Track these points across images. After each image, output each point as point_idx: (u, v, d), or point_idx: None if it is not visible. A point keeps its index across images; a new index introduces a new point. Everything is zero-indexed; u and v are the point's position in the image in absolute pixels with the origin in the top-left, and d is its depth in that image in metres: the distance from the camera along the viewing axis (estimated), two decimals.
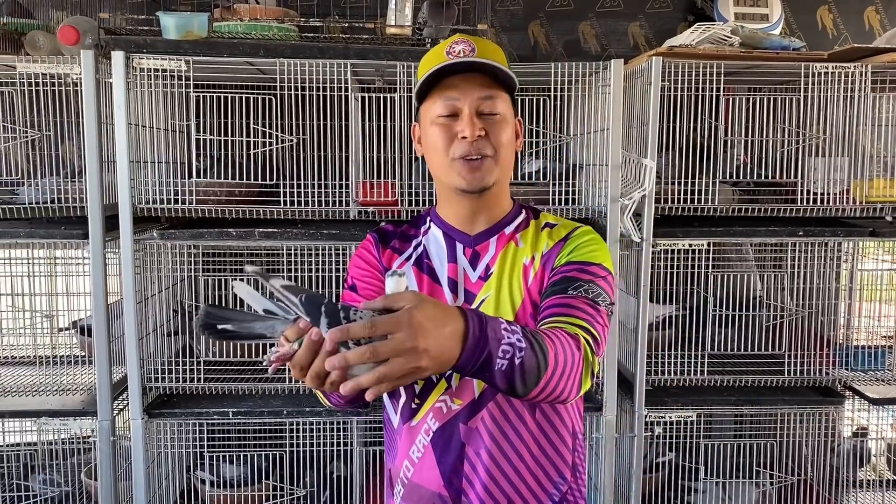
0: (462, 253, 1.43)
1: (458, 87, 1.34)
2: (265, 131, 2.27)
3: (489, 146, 1.34)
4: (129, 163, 2.17)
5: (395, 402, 1.43)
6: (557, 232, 1.43)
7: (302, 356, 0.97)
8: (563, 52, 3.08)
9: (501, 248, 1.42)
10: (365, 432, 2.52)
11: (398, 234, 1.51)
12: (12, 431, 2.61)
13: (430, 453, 1.38)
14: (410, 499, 1.41)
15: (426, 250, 1.46)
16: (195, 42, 2.19)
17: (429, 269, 1.43)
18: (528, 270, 1.39)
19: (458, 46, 1.33)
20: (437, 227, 1.47)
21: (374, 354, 0.91)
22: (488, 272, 1.40)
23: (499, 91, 1.36)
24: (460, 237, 1.44)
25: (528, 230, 1.45)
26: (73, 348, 2.62)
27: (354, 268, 1.49)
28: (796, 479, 2.58)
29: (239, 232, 2.26)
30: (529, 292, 1.37)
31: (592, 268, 1.34)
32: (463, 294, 1.40)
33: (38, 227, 2.27)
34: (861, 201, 2.38)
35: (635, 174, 2.31)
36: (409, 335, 0.93)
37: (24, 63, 2.18)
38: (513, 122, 1.40)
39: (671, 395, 2.45)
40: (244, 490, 2.50)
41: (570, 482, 1.40)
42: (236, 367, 2.43)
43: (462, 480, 1.36)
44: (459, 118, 1.34)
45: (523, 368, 1.05)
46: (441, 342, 0.97)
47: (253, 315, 1.01)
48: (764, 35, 2.37)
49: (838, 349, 2.55)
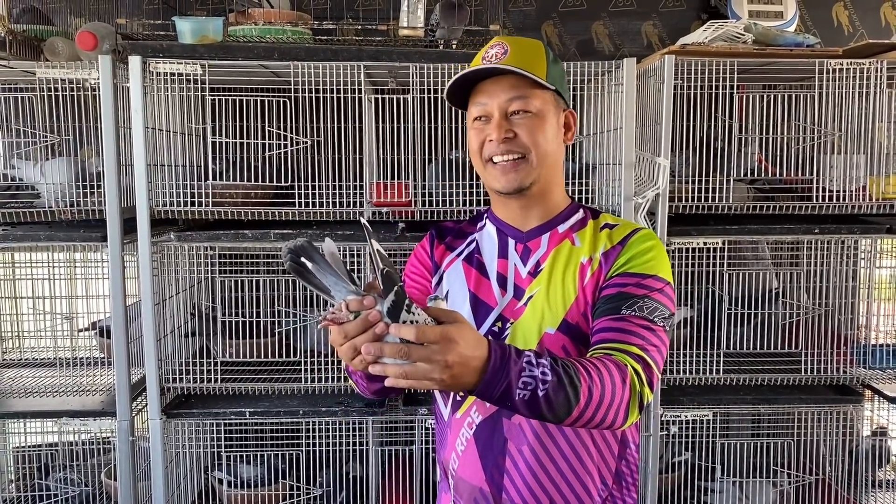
0: (513, 248, 1.44)
1: (488, 90, 1.37)
2: (280, 134, 2.29)
3: (519, 146, 1.35)
4: (146, 166, 2.19)
5: (444, 393, 1.44)
6: (618, 232, 1.41)
7: (352, 327, 1.03)
8: (576, 52, 3.08)
9: (554, 245, 1.41)
10: (381, 432, 2.53)
11: (455, 231, 1.54)
12: (34, 433, 2.65)
13: (473, 447, 1.39)
14: (458, 491, 1.42)
15: (478, 246, 1.48)
16: (210, 46, 2.22)
17: (478, 264, 1.45)
18: (586, 270, 1.37)
19: (493, 50, 1.37)
20: (492, 223, 1.49)
21: (407, 355, 0.99)
22: (538, 268, 1.40)
23: (532, 90, 1.36)
24: (512, 233, 1.45)
25: (585, 230, 1.43)
26: (93, 350, 2.66)
27: (409, 265, 1.54)
28: (814, 478, 2.56)
29: (255, 233, 2.28)
30: (584, 291, 1.35)
31: (648, 280, 1.32)
32: (512, 289, 1.40)
33: (57, 230, 2.30)
34: (878, 198, 2.36)
35: (649, 173, 2.30)
36: (442, 349, 1.00)
37: (44, 69, 2.21)
38: (554, 118, 1.40)
39: (687, 394, 2.44)
40: (261, 490, 2.52)
41: (613, 488, 1.38)
42: (253, 368, 2.45)
43: (503, 476, 1.36)
44: (490, 121, 1.37)
45: (549, 400, 1.08)
46: (465, 366, 1.03)
47: (333, 270, 1.06)
48: (777, 32, 2.36)
49: (856, 347, 2.53)
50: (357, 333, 1.02)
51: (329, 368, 2.34)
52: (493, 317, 1.40)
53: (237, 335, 2.44)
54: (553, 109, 1.39)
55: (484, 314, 1.40)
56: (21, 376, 2.58)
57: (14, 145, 2.34)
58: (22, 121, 2.34)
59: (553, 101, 1.40)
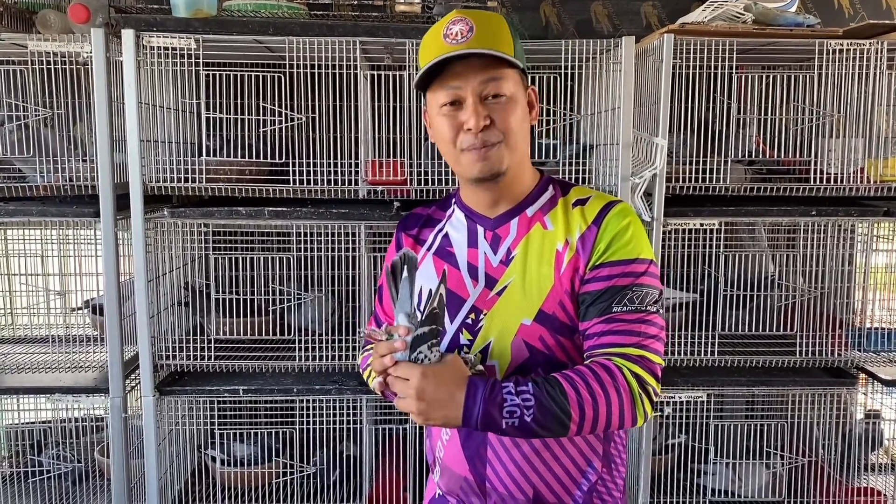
0: (483, 236, 1.40)
1: (460, 73, 1.28)
2: (275, 110, 2.27)
3: (496, 133, 1.29)
4: (139, 142, 2.17)
5: None
6: (590, 208, 1.35)
7: (381, 346, 1.25)
8: (574, 32, 3.06)
9: (525, 230, 1.37)
10: (375, 411, 2.53)
11: (424, 218, 1.50)
12: (27, 409, 2.64)
13: (456, 436, 1.38)
14: (444, 479, 1.43)
15: (447, 237, 1.44)
16: (205, 20, 2.19)
17: (448, 256, 1.42)
18: (563, 257, 1.32)
19: (455, 27, 1.27)
20: (460, 209, 1.45)
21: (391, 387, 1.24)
22: (510, 256, 1.36)
23: (503, 70, 1.30)
24: (480, 220, 1.41)
25: (556, 209, 1.38)
26: (86, 327, 2.65)
27: (383, 272, 1.53)
28: (807, 460, 2.57)
29: (249, 211, 2.27)
30: (561, 280, 1.32)
31: (633, 266, 1.29)
32: (483, 279, 1.37)
33: (50, 206, 2.28)
34: (876, 181, 2.35)
35: (647, 153, 2.29)
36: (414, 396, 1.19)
37: (36, 41, 2.18)
38: (524, 97, 1.35)
39: (682, 375, 2.44)
40: (254, 468, 2.52)
41: (602, 472, 1.38)
42: (247, 346, 2.44)
43: (486, 466, 1.36)
44: (463, 107, 1.29)
45: (539, 423, 1.17)
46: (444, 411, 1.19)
47: (410, 289, 1.25)
48: (777, 12, 2.34)
49: (851, 330, 2.53)
50: (382, 353, 1.23)
51: (323, 347, 2.34)
52: (466, 308, 1.37)
53: (231, 313, 2.43)
54: (521, 90, 1.34)
55: (457, 306, 1.37)
56: (14, 352, 2.57)
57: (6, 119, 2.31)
58: (13, 95, 2.31)
59: (520, 79, 1.35)
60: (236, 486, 2.53)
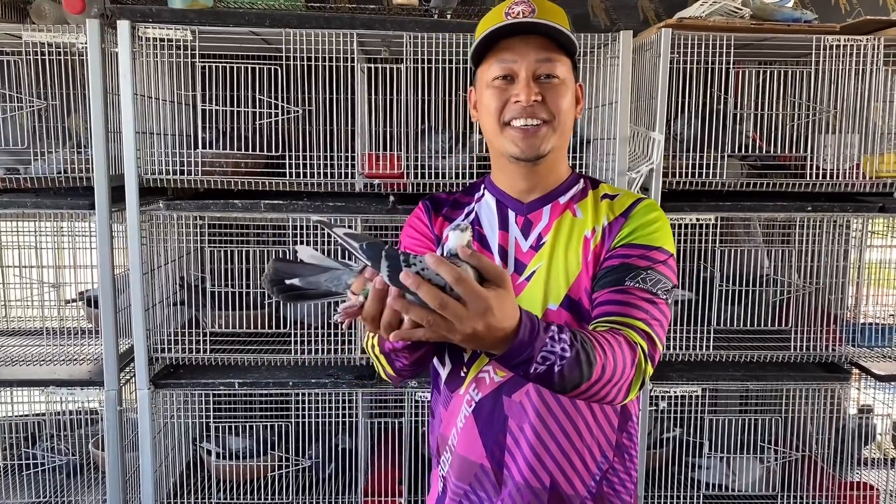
0: (514, 221, 1.39)
1: (516, 49, 1.28)
2: (271, 102, 2.26)
3: (546, 111, 1.29)
4: (134, 134, 2.16)
5: (443, 369, 1.41)
6: (619, 202, 1.37)
7: (370, 307, 0.99)
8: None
9: (556, 217, 1.37)
10: (370, 405, 2.53)
11: (450, 202, 1.48)
12: (21, 402, 2.63)
13: (472, 424, 1.36)
14: (455, 467, 1.40)
15: (478, 217, 1.42)
16: (201, 11, 2.18)
17: (479, 236, 1.40)
18: (590, 243, 1.33)
19: (518, 7, 1.28)
20: (491, 194, 1.44)
21: (442, 307, 0.93)
22: (540, 242, 1.36)
23: (559, 54, 1.30)
24: (513, 204, 1.40)
25: (586, 200, 1.38)
26: (81, 320, 2.64)
27: (406, 237, 1.47)
28: (801, 455, 2.58)
29: (244, 203, 2.26)
30: (588, 266, 1.32)
31: (653, 252, 1.29)
32: (513, 263, 1.36)
33: (44, 197, 2.27)
34: (871, 177, 2.35)
35: (643, 148, 2.29)
36: (476, 314, 0.96)
37: (30, 32, 2.17)
38: (573, 88, 1.35)
39: (676, 370, 2.44)
40: (250, 461, 2.52)
41: (614, 461, 1.37)
42: (242, 339, 2.44)
43: (504, 453, 1.34)
44: (516, 81, 1.29)
45: (562, 375, 1.07)
46: (491, 336, 0.99)
47: (319, 267, 1.03)
48: (775, 7, 2.34)
49: (845, 325, 2.54)
50: (379, 309, 0.98)
51: (319, 340, 2.34)
52: None
53: (227, 306, 2.42)
54: (571, 79, 1.34)
55: None
56: (8, 345, 2.56)
57: None
58: (7, 86, 2.30)
59: (572, 70, 1.35)
60: (231, 479, 2.53)
